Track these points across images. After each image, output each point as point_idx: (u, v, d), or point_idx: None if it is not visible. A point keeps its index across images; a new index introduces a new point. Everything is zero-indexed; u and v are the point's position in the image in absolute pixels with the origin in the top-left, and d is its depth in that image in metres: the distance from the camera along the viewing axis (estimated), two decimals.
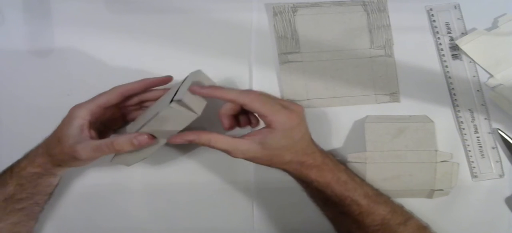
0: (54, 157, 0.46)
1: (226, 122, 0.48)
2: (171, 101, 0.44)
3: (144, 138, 0.45)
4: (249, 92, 0.45)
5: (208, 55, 0.57)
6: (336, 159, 0.49)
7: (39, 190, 0.49)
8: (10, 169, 0.48)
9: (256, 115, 0.48)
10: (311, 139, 0.48)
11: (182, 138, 0.45)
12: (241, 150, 0.44)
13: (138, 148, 0.46)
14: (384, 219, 0.46)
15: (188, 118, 0.45)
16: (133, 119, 0.53)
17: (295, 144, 0.45)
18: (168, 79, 0.51)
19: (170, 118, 0.45)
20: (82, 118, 0.46)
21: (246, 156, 0.45)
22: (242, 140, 0.44)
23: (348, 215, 0.46)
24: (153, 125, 0.45)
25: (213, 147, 0.45)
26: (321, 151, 0.48)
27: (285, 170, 0.47)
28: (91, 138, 0.46)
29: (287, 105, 0.45)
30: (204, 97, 0.45)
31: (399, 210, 0.48)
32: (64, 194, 0.55)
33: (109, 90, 0.48)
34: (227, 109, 0.47)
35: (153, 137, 0.46)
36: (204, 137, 0.45)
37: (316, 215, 0.54)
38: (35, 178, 0.47)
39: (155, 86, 0.52)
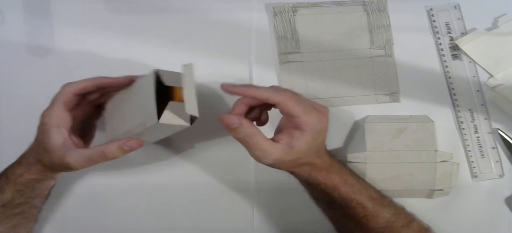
0: (48, 165, 0.46)
1: (241, 108, 0.44)
2: (160, 111, 0.40)
3: (134, 143, 0.43)
4: (283, 91, 0.43)
5: (208, 55, 0.57)
6: (341, 161, 0.49)
7: (37, 194, 0.48)
8: (5, 175, 0.47)
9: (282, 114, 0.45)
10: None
11: (231, 119, 0.41)
12: (274, 157, 0.42)
13: (129, 152, 0.43)
14: (388, 221, 0.46)
15: (178, 128, 0.43)
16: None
17: (317, 147, 0.44)
18: (126, 80, 0.46)
19: (159, 128, 0.42)
20: (58, 126, 0.43)
21: (276, 162, 0.42)
22: (277, 144, 0.42)
23: (353, 217, 0.46)
24: (137, 133, 0.43)
25: (248, 145, 0.42)
26: (329, 152, 0.47)
27: (295, 172, 0.46)
28: (76, 145, 0.44)
29: (316, 106, 0.43)
30: (237, 94, 0.43)
31: (402, 212, 0.48)
32: (64, 194, 0.55)
33: (62, 91, 0.45)
34: (246, 101, 0.44)
35: (142, 142, 0.44)
36: (247, 129, 0.41)
37: (316, 216, 0.54)
38: (33, 183, 0.47)
39: (110, 88, 0.47)
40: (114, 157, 0.43)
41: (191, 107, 0.40)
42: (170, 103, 0.41)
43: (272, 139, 0.43)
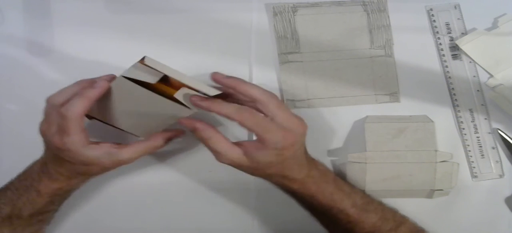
0: (96, 174, 0.48)
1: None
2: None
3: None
4: (269, 94, 0.43)
5: (208, 55, 0.57)
6: (325, 169, 0.49)
7: (64, 200, 0.50)
8: (35, 189, 0.46)
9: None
10: (304, 153, 0.46)
11: (191, 122, 0.45)
12: (229, 158, 0.44)
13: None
14: (374, 226, 0.46)
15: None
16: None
17: (283, 161, 0.44)
18: (109, 77, 0.47)
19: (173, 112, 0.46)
20: (84, 146, 0.44)
21: (232, 163, 0.44)
22: (234, 148, 0.44)
23: (337, 223, 0.47)
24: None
25: (207, 145, 0.44)
26: (310, 162, 0.47)
27: (266, 180, 0.47)
28: (111, 146, 0.46)
29: (290, 122, 0.43)
30: (229, 87, 0.45)
31: (391, 216, 0.48)
32: None
33: (68, 118, 0.42)
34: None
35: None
36: (208, 132, 0.44)
37: None
38: (69, 192, 0.49)
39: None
40: (161, 146, 0.48)
41: (209, 89, 0.44)
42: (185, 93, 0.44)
43: (236, 143, 0.44)
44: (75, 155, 0.44)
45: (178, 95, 0.44)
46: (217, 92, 0.44)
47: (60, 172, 0.46)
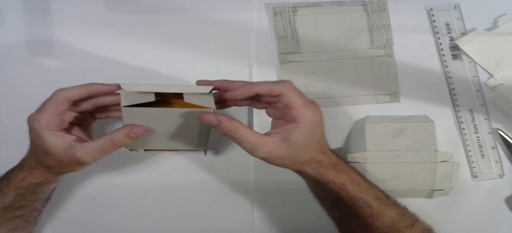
0: (52, 168, 0.45)
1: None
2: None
3: (140, 130, 0.43)
4: (284, 82, 0.43)
5: (208, 55, 0.57)
6: (345, 160, 0.49)
7: (38, 197, 0.48)
8: (6, 179, 0.47)
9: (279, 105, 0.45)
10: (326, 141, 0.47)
11: (214, 117, 0.42)
12: (266, 150, 0.42)
13: (136, 139, 0.44)
14: (393, 221, 0.46)
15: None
16: (105, 117, 0.50)
17: (316, 141, 0.44)
18: (116, 87, 0.46)
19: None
20: (48, 129, 0.43)
21: (269, 155, 0.42)
22: (268, 137, 0.42)
23: (358, 217, 0.46)
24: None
25: (236, 140, 0.42)
26: (333, 151, 0.47)
27: (303, 171, 0.45)
28: (77, 140, 0.44)
29: (309, 101, 0.44)
30: (241, 96, 0.44)
31: (406, 212, 0.47)
32: (64, 195, 0.55)
33: (51, 99, 0.44)
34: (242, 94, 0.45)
35: (147, 128, 0.45)
36: (233, 124, 0.41)
37: (316, 215, 0.53)
38: (34, 187, 0.47)
39: (103, 94, 0.46)
40: (123, 144, 0.43)
41: (202, 88, 0.44)
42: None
43: (266, 134, 0.43)
44: (37, 137, 0.43)
45: (187, 98, 0.43)
46: (210, 88, 0.44)
47: (26, 159, 0.46)
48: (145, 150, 0.50)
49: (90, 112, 0.48)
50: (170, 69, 0.57)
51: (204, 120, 0.42)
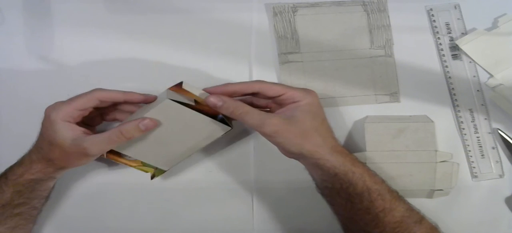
0: (54, 161, 0.46)
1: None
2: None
3: (150, 123, 0.45)
4: (261, 80, 0.47)
5: (208, 55, 0.57)
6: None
7: (36, 195, 0.49)
8: (5, 176, 0.47)
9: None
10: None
11: (220, 98, 0.45)
12: (274, 123, 0.44)
13: (145, 132, 0.45)
14: (403, 216, 0.45)
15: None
16: (112, 119, 0.52)
17: (321, 123, 0.46)
18: (152, 98, 0.49)
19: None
20: (65, 120, 0.45)
21: (278, 128, 0.44)
22: (274, 114, 0.45)
23: (370, 211, 0.45)
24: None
25: (243, 117, 0.45)
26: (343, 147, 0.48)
27: (319, 161, 0.45)
28: (85, 133, 0.46)
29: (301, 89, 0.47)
30: (220, 95, 0.46)
31: (414, 208, 0.47)
32: (64, 194, 0.55)
33: (88, 93, 0.47)
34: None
35: (157, 122, 0.46)
36: (238, 103, 0.45)
37: (316, 216, 0.54)
38: (32, 184, 0.47)
39: (137, 102, 0.50)
40: (132, 136, 0.45)
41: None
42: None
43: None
44: (50, 126, 0.45)
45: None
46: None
47: (28, 153, 0.47)
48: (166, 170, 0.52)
49: (100, 112, 0.51)
50: (170, 69, 0.57)
51: (209, 102, 0.45)
